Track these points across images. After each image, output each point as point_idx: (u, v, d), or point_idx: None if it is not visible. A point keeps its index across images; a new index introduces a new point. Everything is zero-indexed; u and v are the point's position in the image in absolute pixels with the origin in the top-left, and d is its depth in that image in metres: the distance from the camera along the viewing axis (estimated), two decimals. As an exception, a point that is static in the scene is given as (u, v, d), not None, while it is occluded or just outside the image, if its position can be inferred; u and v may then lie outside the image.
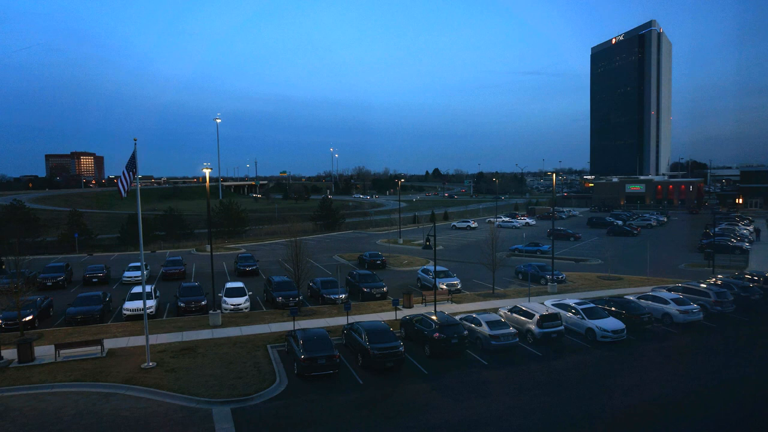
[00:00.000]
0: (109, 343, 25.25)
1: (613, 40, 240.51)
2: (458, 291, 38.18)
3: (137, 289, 32.79)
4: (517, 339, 25.49)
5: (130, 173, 22.60)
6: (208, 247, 38.40)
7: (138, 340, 25.88)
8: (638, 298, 32.20)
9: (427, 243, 62.90)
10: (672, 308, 29.82)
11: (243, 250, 62.03)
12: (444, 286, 36.80)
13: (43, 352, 24.10)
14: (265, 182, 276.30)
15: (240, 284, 35.27)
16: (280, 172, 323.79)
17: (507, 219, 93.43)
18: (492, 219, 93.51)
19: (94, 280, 42.14)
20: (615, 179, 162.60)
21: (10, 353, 23.46)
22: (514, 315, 28.45)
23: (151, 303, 31.54)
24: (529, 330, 26.69)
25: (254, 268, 47.27)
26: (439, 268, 37.60)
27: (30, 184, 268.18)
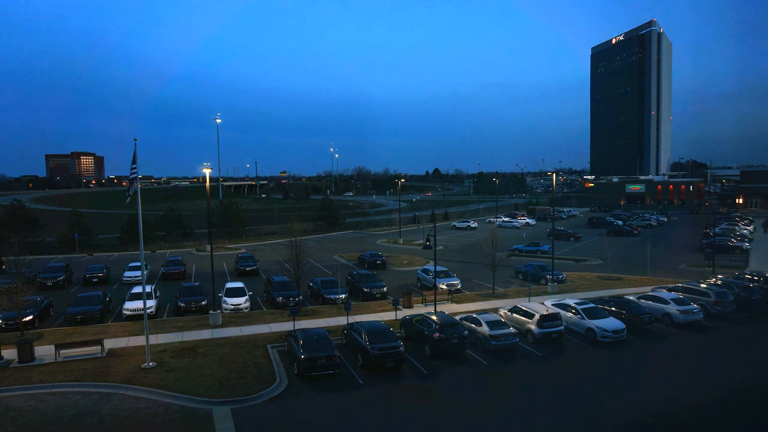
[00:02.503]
0: (109, 343, 25.24)
1: (613, 40, 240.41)
2: (458, 291, 38.17)
3: (137, 289, 32.78)
4: (517, 339, 25.48)
5: (133, 174, 22.72)
6: (208, 247, 38.42)
7: (138, 340, 25.88)
8: (638, 298, 32.18)
9: (427, 243, 63.01)
10: (672, 308, 29.81)
11: (243, 250, 61.99)
12: (444, 286, 36.79)
13: (43, 352, 24.10)
14: (265, 182, 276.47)
15: (240, 284, 35.27)
16: (280, 172, 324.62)
17: (507, 219, 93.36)
18: (492, 219, 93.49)
19: (94, 280, 42.13)
20: (615, 179, 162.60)
21: (10, 353, 23.45)
22: (514, 315, 28.44)
23: (151, 303, 31.53)
24: (529, 330, 26.68)
25: (254, 268, 47.26)
26: (439, 268, 37.57)
27: (30, 184, 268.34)
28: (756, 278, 37.65)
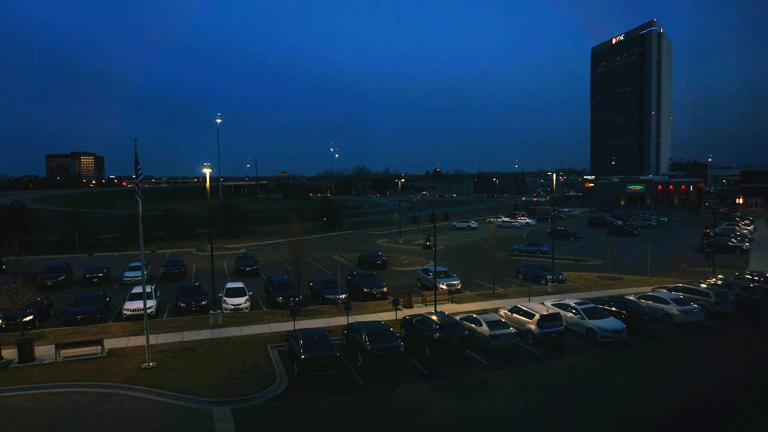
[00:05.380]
0: (110, 343, 25.25)
1: (614, 40, 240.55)
2: (458, 291, 38.15)
3: (137, 289, 32.77)
4: (518, 339, 25.47)
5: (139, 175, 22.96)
6: (209, 247, 38.43)
7: (138, 340, 25.88)
8: (638, 298, 32.17)
9: (428, 243, 63.09)
10: (672, 308, 29.79)
11: (243, 250, 61.99)
12: (444, 286, 36.77)
13: (44, 352, 24.11)
14: (265, 182, 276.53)
15: (240, 284, 35.26)
16: (280, 172, 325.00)
17: (507, 219, 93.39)
18: (492, 219, 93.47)
19: (94, 280, 42.12)
20: (615, 179, 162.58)
21: (10, 353, 23.45)
22: (515, 315, 28.43)
23: (152, 303, 31.52)
24: (529, 330, 26.67)
25: (254, 268, 47.26)
26: (439, 268, 37.57)
27: (30, 184, 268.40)
28: (756, 278, 37.66)
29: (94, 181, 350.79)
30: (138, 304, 30.70)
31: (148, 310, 27.27)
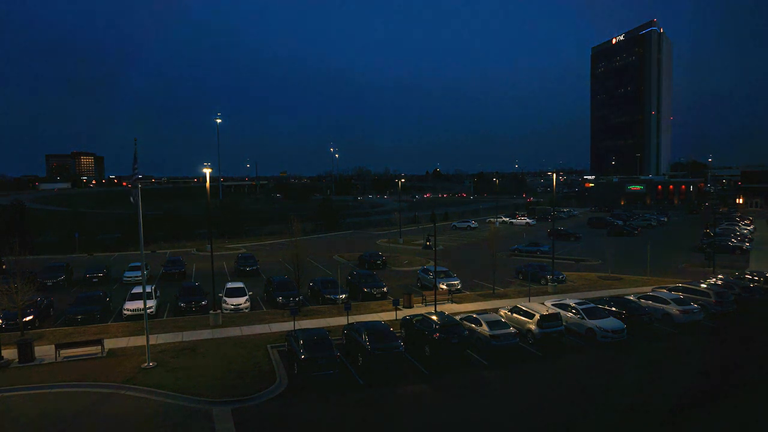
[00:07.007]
0: (110, 343, 25.24)
1: (614, 40, 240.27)
2: (458, 291, 38.13)
3: (137, 289, 32.77)
4: (518, 339, 25.46)
5: (135, 175, 22.97)
6: (209, 247, 38.43)
7: (138, 340, 25.88)
8: (638, 298, 32.14)
9: (428, 243, 63.08)
10: (672, 308, 29.76)
11: (243, 250, 61.96)
12: (444, 286, 36.76)
13: (44, 352, 24.11)
14: (265, 182, 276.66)
15: (240, 284, 35.26)
16: (280, 172, 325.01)
17: (507, 219, 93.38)
18: (492, 219, 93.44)
19: (94, 280, 42.09)
20: (615, 179, 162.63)
21: (10, 353, 23.44)
22: (515, 315, 28.42)
23: (152, 303, 31.50)
24: (529, 330, 26.66)
25: (254, 268, 47.25)
26: (439, 268, 37.55)
27: (30, 184, 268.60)
28: (756, 278, 37.64)
29: (94, 181, 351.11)
30: (138, 304, 30.69)
31: (148, 310, 27.24)
